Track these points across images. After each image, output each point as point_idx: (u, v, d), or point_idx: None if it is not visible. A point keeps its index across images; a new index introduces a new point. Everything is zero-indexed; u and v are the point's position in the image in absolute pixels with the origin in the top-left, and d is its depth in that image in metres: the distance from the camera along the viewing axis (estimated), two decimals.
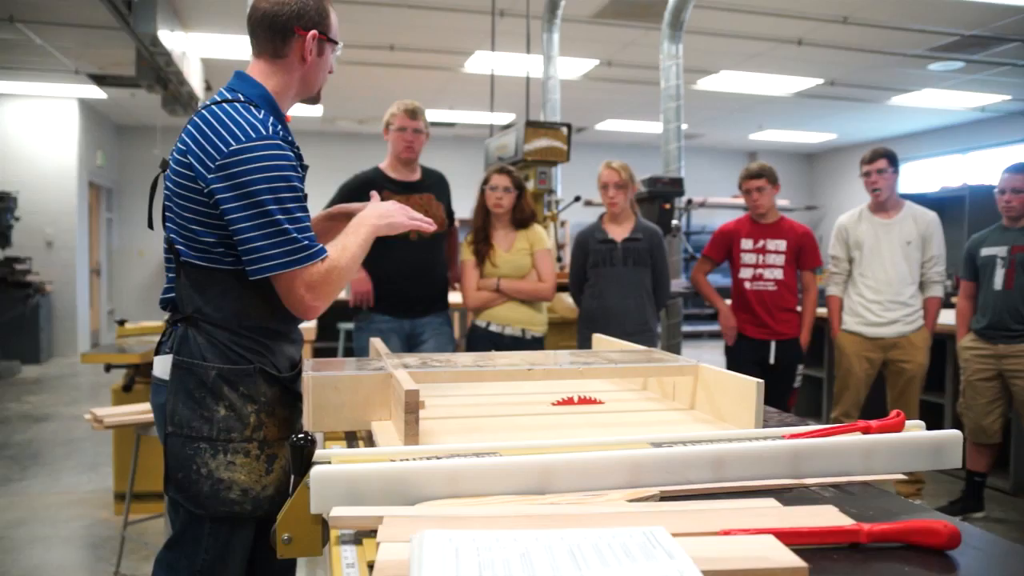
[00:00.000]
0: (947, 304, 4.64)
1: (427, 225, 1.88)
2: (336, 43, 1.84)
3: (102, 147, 11.48)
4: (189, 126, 1.68)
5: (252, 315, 1.71)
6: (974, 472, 4.20)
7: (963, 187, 7.94)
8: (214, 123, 1.63)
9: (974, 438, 4.12)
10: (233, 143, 1.60)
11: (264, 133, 1.62)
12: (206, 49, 7.98)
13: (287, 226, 1.60)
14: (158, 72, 6.93)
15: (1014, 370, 3.94)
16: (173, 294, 1.75)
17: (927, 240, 4.14)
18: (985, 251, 4.06)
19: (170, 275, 1.76)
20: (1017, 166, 4.01)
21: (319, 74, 1.84)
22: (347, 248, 1.72)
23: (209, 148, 1.61)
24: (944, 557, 0.96)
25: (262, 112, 1.68)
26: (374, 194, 1.99)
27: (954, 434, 1.33)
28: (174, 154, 1.70)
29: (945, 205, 6.45)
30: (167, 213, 1.72)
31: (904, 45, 7.84)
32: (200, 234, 1.65)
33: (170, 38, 6.31)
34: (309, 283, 1.63)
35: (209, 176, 1.60)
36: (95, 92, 9.59)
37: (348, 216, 1.93)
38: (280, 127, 1.69)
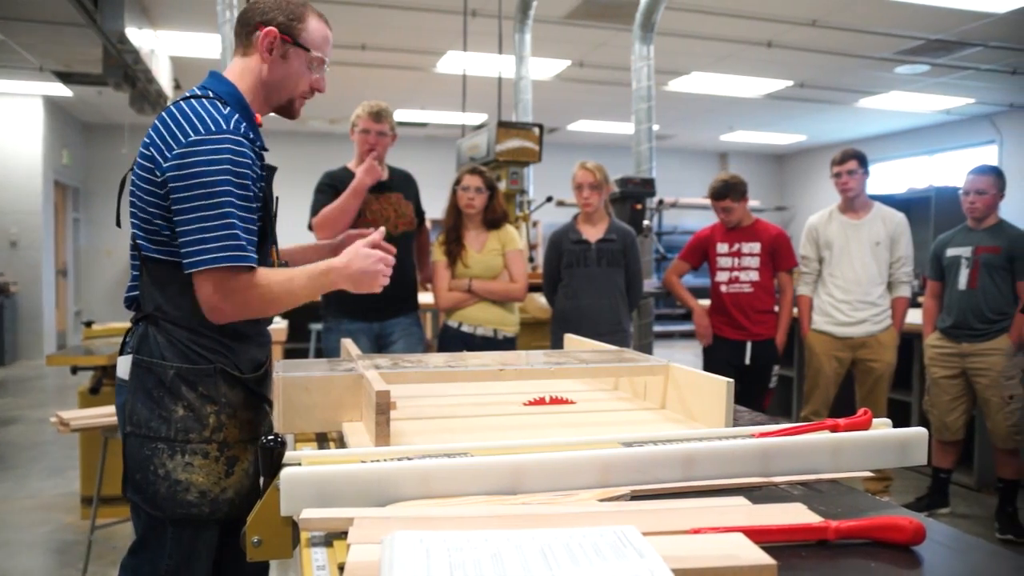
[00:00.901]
0: (914, 304, 4.71)
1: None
2: (307, 50, 1.78)
3: (68, 146, 11.31)
4: (156, 121, 1.66)
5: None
6: (939, 469, 4.27)
7: (929, 188, 8.07)
8: (178, 116, 1.62)
9: (938, 435, 4.18)
10: (192, 135, 1.58)
11: (224, 127, 1.60)
12: (175, 47, 7.89)
13: (233, 221, 1.57)
14: (126, 70, 6.84)
15: (977, 368, 4.00)
16: (137, 292, 1.73)
17: (895, 241, 4.20)
18: (950, 251, 4.12)
19: (134, 272, 1.74)
20: (981, 168, 4.07)
21: (285, 80, 1.78)
22: (293, 282, 1.67)
23: (169, 139, 1.59)
24: (909, 553, 0.97)
25: (228, 109, 1.66)
26: (380, 231, 1.83)
27: (920, 432, 1.35)
28: (140, 149, 1.68)
29: (912, 206, 6.56)
30: (132, 208, 1.69)
31: (871, 48, 7.94)
32: (162, 228, 1.62)
33: (138, 36, 6.23)
34: (225, 287, 1.58)
35: (165, 165, 1.58)
36: (61, 90, 9.45)
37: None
38: (245, 125, 1.66)
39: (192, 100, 1.66)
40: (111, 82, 7.16)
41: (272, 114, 1.90)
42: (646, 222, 4.86)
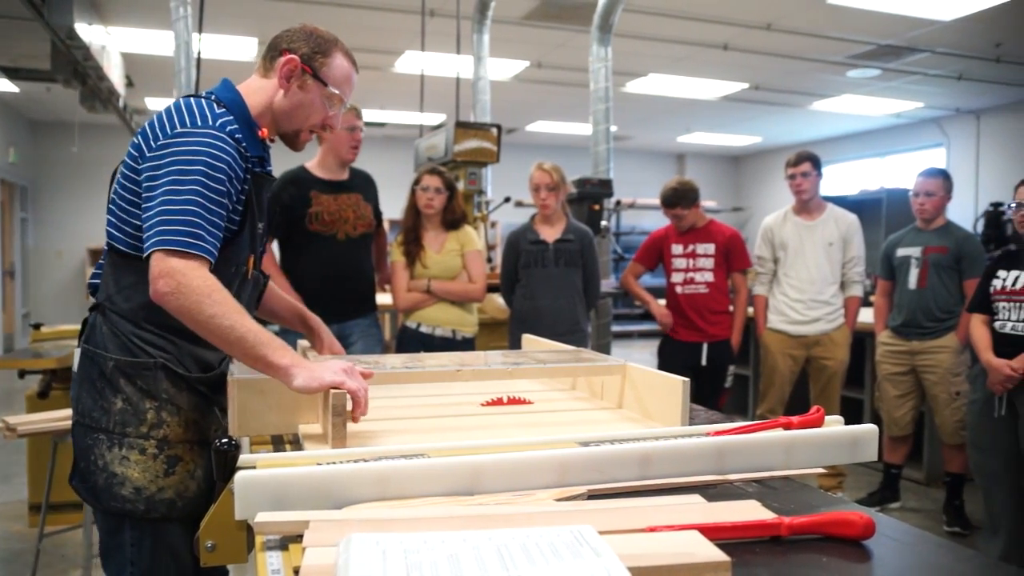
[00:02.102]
0: (866, 303, 4.80)
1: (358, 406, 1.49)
2: (326, 85, 1.76)
3: (15, 143, 11.03)
4: (153, 116, 1.67)
5: (158, 308, 1.55)
6: (890, 464, 4.36)
7: (881, 190, 8.24)
8: (172, 111, 1.63)
9: (889, 431, 4.27)
10: (179, 127, 1.59)
11: (210, 123, 1.60)
12: (127, 44, 7.75)
13: (193, 208, 1.52)
14: (75, 66, 6.69)
15: (926, 365, 4.09)
16: (99, 280, 1.73)
17: (848, 241, 4.28)
18: (900, 252, 4.21)
19: (101, 260, 1.74)
20: (929, 171, 4.17)
21: (297, 109, 1.76)
22: (242, 322, 1.49)
23: (157, 130, 1.60)
24: (859, 547, 0.99)
25: (222, 110, 1.67)
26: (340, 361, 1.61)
27: (870, 428, 1.38)
28: (131, 139, 1.69)
29: (864, 207, 6.68)
30: (112, 196, 1.69)
31: (824, 52, 8.08)
32: (133, 216, 1.61)
33: (88, 31, 6.10)
34: (167, 266, 1.48)
35: (148, 155, 1.58)
36: (6, 86, 9.22)
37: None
38: (235, 127, 1.65)
39: (190, 98, 1.68)
40: (60, 79, 6.99)
41: None
42: (604, 223, 4.89)
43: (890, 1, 6.47)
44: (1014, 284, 3.20)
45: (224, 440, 1.19)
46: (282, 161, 4.17)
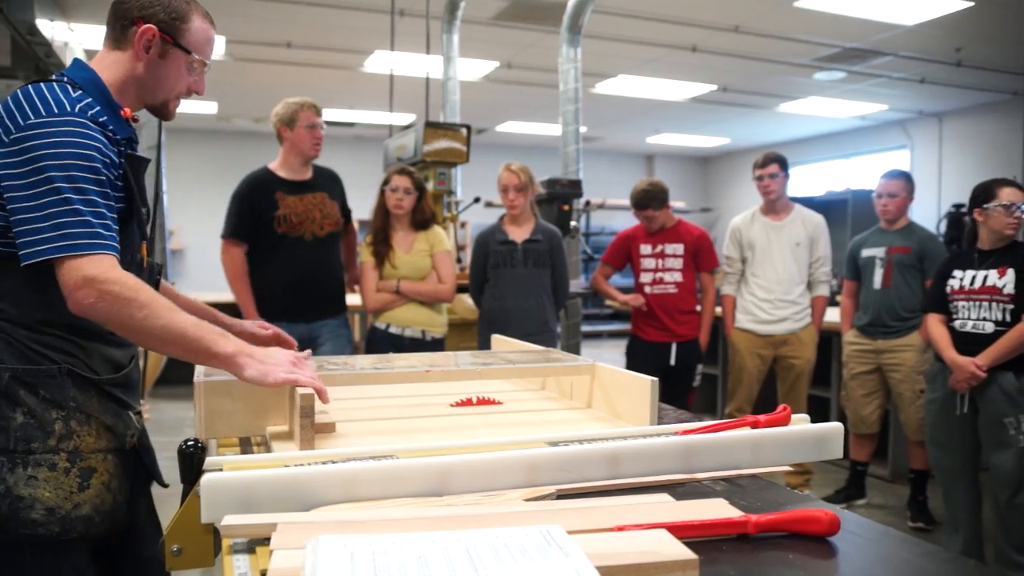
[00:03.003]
0: (833, 302, 4.86)
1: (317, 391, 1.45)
2: (189, 52, 1.65)
3: None
4: None
5: (58, 310, 1.47)
6: (856, 461, 4.42)
7: (846, 191, 8.34)
8: (21, 99, 1.49)
9: (855, 429, 4.33)
10: (32, 117, 1.45)
11: (68, 110, 1.47)
12: (90, 40, 7.63)
13: (79, 207, 1.42)
14: (37, 63, 6.58)
15: (891, 364, 4.15)
16: None
17: (814, 241, 4.33)
18: (865, 252, 4.27)
19: None
20: (892, 172, 4.23)
21: (161, 80, 1.65)
22: (174, 316, 1.43)
23: (8, 123, 1.46)
24: (825, 543, 1.01)
25: (79, 92, 1.54)
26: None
27: (835, 427, 1.40)
28: None
29: (830, 208, 6.75)
30: None
31: (791, 55, 8.17)
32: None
33: (50, 28, 6.00)
34: (81, 271, 1.40)
35: (1, 151, 1.45)
36: None
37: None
38: (97, 110, 1.54)
39: (40, 84, 1.54)
40: (21, 75, 6.86)
41: (190, 112, 1.83)
42: (573, 223, 4.90)
43: (855, 5, 6.57)
44: (971, 284, 3.25)
45: (189, 442, 1.18)
46: (253, 161, 4.13)
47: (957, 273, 3.32)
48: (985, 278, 3.21)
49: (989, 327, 3.17)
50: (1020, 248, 3.20)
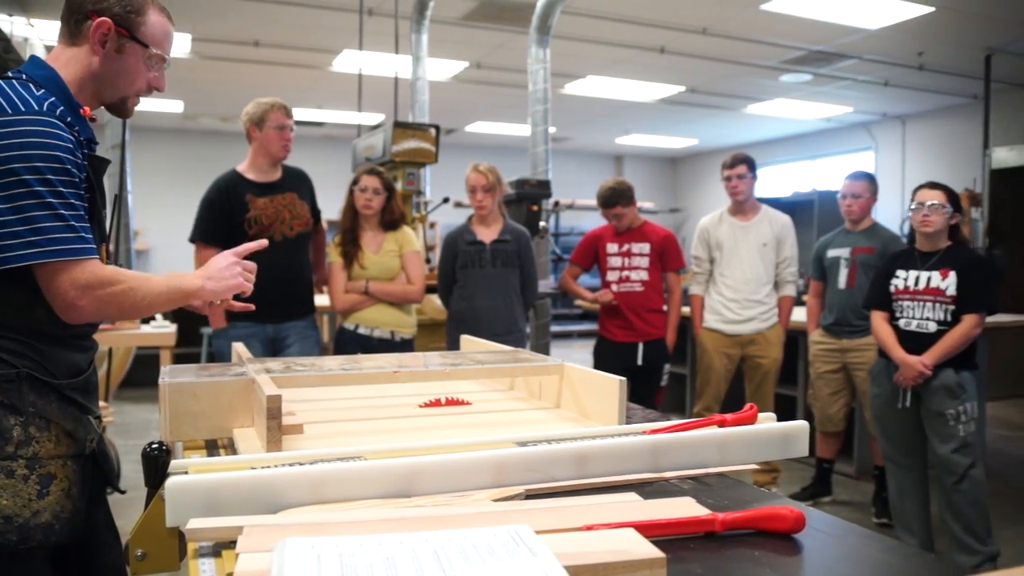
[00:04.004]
0: (799, 302, 4.92)
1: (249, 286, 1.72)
2: (146, 46, 1.62)
3: None
4: None
5: (13, 313, 1.47)
6: (822, 459, 4.47)
7: (812, 192, 8.46)
8: None
9: (821, 427, 4.38)
10: None
11: (35, 108, 1.45)
12: (51, 36, 7.51)
13: (61, 211, 1.42)
14: None
15: (856, 363, 4.20)
16: None
17: (781, 242, 4.37)
18: (831, 252, 4.32)
19: None
20: (856, 174, 4.28)
21: (118, 75, 1.62)
22: (152, 283, 1.55)
23: None
24: (791, 540, 1.02)
25: (42, 91, 1.51)
26: (262, 243, 1.80)
27: (801, 425, 1.41)
28: None
29: (797, 209, 6.84)
30: None
31: (758, 57, 8.25)
32: None
33: (8, 23, 5.90)
34: (76, 281, 1.44)
35: None
36: None
37: None
38: (63, 109, 1.51)
39: (0, 81, 1.51)
40: None
41: (155, 111, 1.80)
42: (542, 223, 4.91)
43: (820, 9, 6.65)
44: (915, 284, 3.37)
45: (154, 445, 1.16)
46: (220, 162, 4.08)
47: (900, 273, 3.44)
48: (928, 279, 3.34)
49: (932, 327, 3.31)
50: (961, 251, 3.34)
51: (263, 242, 1.77)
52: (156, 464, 1.16)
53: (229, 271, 1.66)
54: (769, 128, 12.51)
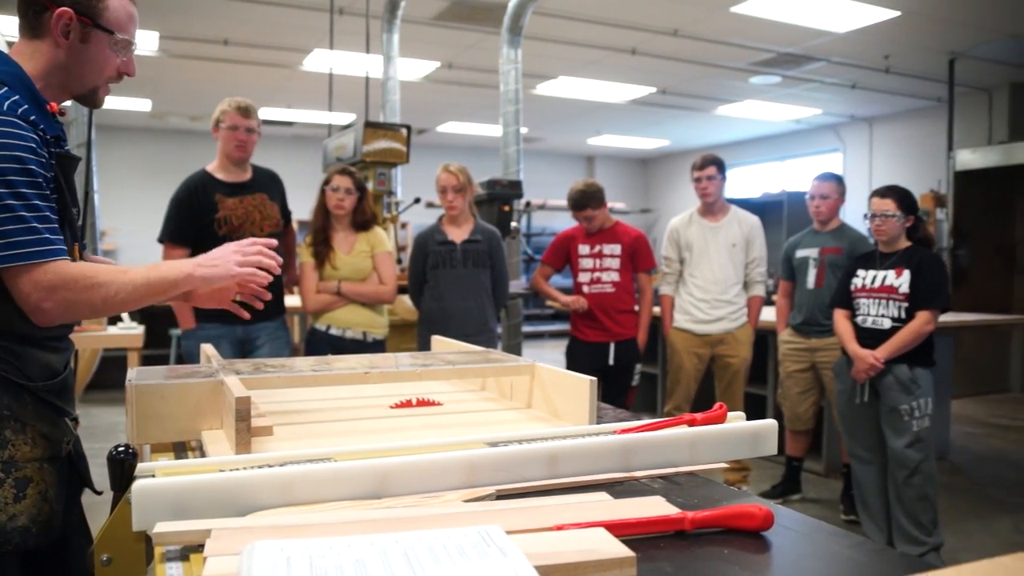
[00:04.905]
0: (768, 302, 4.97)
1: (262, 275, 1.68)
2: (111, 33, 1.58)
3: None
4: None
5: None
6: (792, 457, 4.52)
7: (782, 193, 8.53)
8: None
9: (790, 425, 4.43)
10: None
11: None
12: (12, 32, 7.39)
13: (22, 213, 1.39)
14: None
15: (825, 362, 4.25)
16: None
17: (750, 242, 4.41)
18: (799, 253, 4.37)
19: None
20: (824, 175, 4.34)
21: (86, 65, 1.58)
22: (129, 276, 1.49)
23: None
24: (759, 538, 1.03)
25: (5, 89, 1.47)
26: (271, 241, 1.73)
27: (770, 423, 1.43)
28: None
29: (766, 209, 6.90)
30: None
31: (728, 59, 8.32)
32: None
33: None
34: (40, 284, 1.40)
35: None
36: None
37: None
38: (27, 108, 1.48)
39: None
40: None
41: (123, 109, 1.77)
42: (514, 223, 4.91)
43: (789, 12, 6.73)
44: (872, 282, 3.49)
45: (120, 448, 1.15)
46: (189, 161, 4.04)
47: (860, 272, 3.57)
48: (884, 278, 3.46)
49: (887, 323, 3.43)
50: (917, 251, 3.46)
51: (272, 241, 1.70)
52: (122, 467, 1.14)
53: (223, 257, 1.60)
54: (739, 129, 12.62)
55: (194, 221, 3.38)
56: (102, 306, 1.49)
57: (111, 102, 2.10)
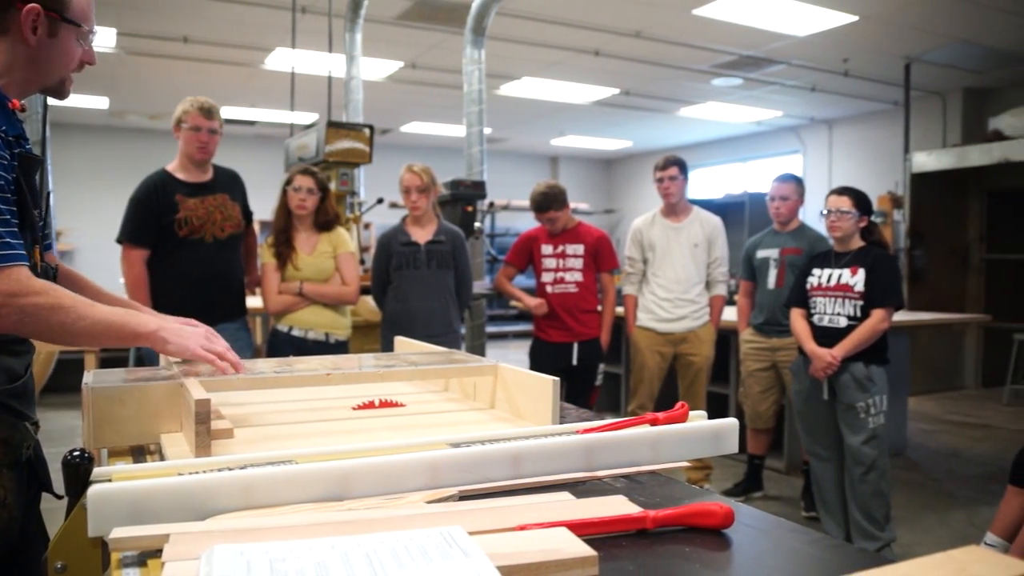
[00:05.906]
0: (730, 302, 5.02)
1: (221, 364, 1.62)
2: (79, 25, 1.56)
3: None
4: None
5: None
6: (753, 455, 4.57)
7: (743, 194, 8.63)
8: None
9: (752, 424, 4.48)
10: None
11: None
12: None
13: None
14: None
15: (785, 361, 4.31)
16: None
17: (712, 242, 4.46)
18: (760, 253, 4.42)
19: None
20: (783, 176, 4.40)
21: (54, 59, 1.57)
22: (95, 310, 1.46)
23: None
24: (720, 535, 1.04)
25: None
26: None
27: (731, 422, 1.44)
28: None
29: (728, 210, 6.97)
30: None
31: (690, 61, 8.40)
32: None
33: None
34: (7, 292, 1.37)
35: None
36: None
37: None
38: None
39: None
40: None
41: (80, 107, 1.74)
42: (477, 224, 4.91)
43: (750, 15, 6.81)
44: (828, 281, 3.55)
45: (75, 452, 1.12)
46: (145, 159, 3.98)
47: (816, 271, 3.63)
48: (839, 276, 3.52)
49: (843, 321, 3.49)
50: (871, 251, 3.52)
51: (241, 364, 1.67)
52: (77, 472, 1.12)
53: (191, 335, 1.58)
54: (701, 131, 12.73)
55: (154, 222, 3.33)
56: (59, 329, 1.43)
57: (67, 99, 2.06)
